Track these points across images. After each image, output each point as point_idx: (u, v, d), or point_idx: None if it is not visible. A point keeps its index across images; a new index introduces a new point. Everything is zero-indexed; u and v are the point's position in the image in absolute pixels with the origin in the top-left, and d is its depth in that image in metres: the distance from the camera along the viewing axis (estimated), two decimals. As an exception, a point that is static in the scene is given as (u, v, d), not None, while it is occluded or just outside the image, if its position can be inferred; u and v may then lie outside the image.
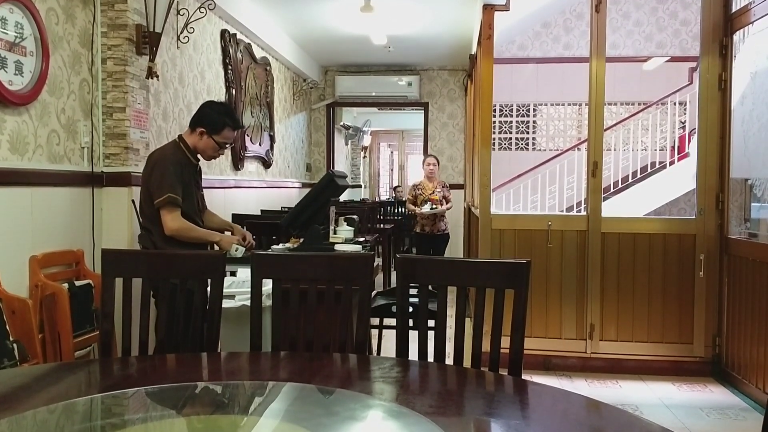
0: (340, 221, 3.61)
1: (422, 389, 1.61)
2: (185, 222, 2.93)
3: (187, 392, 1.49)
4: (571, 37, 8.40)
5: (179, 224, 2.91)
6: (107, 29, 3.46)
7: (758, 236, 4.08)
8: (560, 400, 1.56)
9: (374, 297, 3.55)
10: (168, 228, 2.90)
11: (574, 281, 4.09)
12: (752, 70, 4.06)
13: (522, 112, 9.00)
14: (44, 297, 2.91)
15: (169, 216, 2.89)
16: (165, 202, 2.88)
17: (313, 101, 8.61)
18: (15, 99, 2.81)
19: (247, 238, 3.23)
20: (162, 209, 2.90)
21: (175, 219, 2.90)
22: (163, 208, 2.89)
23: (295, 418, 1.34)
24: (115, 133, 3.48)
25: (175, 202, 2.90)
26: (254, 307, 1.91)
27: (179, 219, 2.91)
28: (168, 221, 2.90)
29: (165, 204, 2.88)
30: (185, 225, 2.93)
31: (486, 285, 1.84)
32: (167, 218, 2.89)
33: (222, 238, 3.06)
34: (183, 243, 2.94)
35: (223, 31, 5.16)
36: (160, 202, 2.89)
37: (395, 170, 16.59)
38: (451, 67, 8.41)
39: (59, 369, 1.87)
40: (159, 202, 2.89)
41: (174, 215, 2.90)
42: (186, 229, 2.93)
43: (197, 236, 2.97)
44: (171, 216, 2.89)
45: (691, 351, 4.02)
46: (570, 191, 8.18)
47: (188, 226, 2.95)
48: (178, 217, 2.91)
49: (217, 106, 3.23)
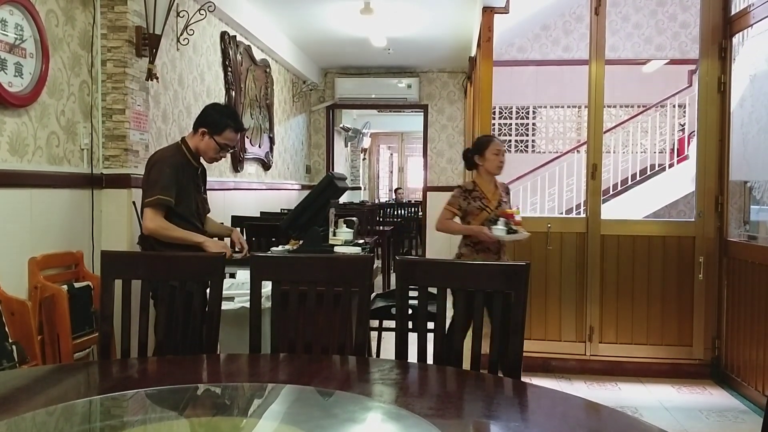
0: (340, 223, 3.61)
1: (421, 391, 1.61)
2: (163, 222, 2.88)
3: (186, 394, 1.49)
4: (571, 39, 8.40)
5: (156, 224, 2.86)
6: (107, 31, 3.46)
7: (757, 239, 4.08)
8: (559, 402, 1.56)
9: (373, 299, 3.55)
10: (145, 227, 2.88)
11: (574, 283, 4.09)
12: (751, 72, 4.07)
13: (521, 115, 9.01)
14: (43, 298, 2.90)
15: (150, 216, 2.86)
16: (152, 203, 2.86)
17: (312, 103, 8.61)
18: (15, 101, 2.81)
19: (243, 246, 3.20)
20: (146, 208, 2.88)
21: (154, 219, 2.86)
22: (147, 207, 2.88)
23: (294, 420, 1.34)
24: (115, 135, 3.48)
25: (162, 204, 2.87)
26: (253, 309, 1.91)
27: (158, 219, 2.86)
28: (146, 220, 2.87)
29: (152, 204, 2.87)
30: (162, 224, 2.88)
31: (485, 287, 1.84)
32: (146, 217, 2.87)
33: (205, 241, 2.95)
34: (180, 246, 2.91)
35: (222, 33, 5.16)
36: (147, 202, 2.88)
37: (395, 172, 16.61)
38: (450, 70, 8.42)
39: (58, 371, 1.86)
40: (146, 201, 2.88)
41: (154, 216, 2.86)
42: (163, 228, 2.87)
43: (177, 236, 2.89)
44: (151, 216, 2.86)
45: (691, 353, 4.02)
46: (569, 193, 8.18)
47: (165, 226, 2.88)
48: (157, 218, 2.86)
49: (221, 107, 3.23)
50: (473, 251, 3.49)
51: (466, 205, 3.50)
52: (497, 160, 3.52)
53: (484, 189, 3.54)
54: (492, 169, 3.54)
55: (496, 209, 3.50)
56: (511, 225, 3.41)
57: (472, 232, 3.46)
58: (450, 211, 3.53)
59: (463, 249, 3.55)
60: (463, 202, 3.50)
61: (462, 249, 3.56)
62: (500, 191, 3.61)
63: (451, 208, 3.53)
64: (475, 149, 3.61)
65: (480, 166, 3.57)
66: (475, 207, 3.49)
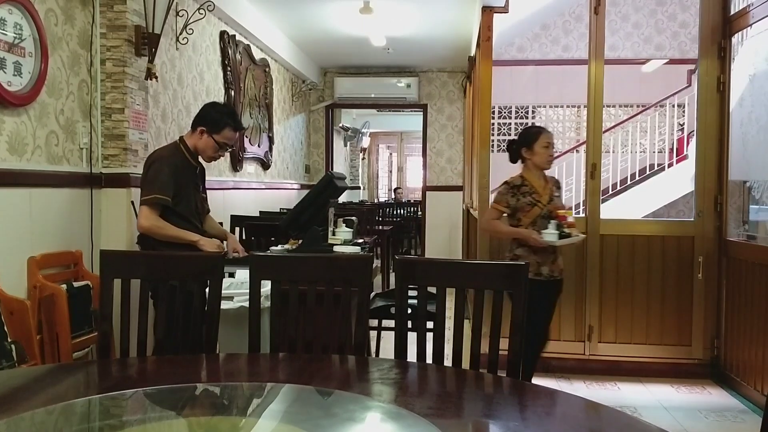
0: (339, 223, 3.61)
1: (421, 391, 1.61)
2: (158, 220, 2.88)
3: (185, 394, 1.49)
4: (570, 39, 8.40)
5: (150, 222, 2.87)
6: (106, 30, 3.46)
7: (757, 238, 4.08)
8: (559, 402, 1.56)
9: (373, 298, 3.55)
10: (140, 225, 2.88)
11: (573, 283, 4.08)
12: (751, 72, 4.07)
13: (521, 114, 9.01)
14: (43, 298, 2.90)
15: (145, 214, 2.87)
16: (149, 202, 2.86)
17: (312, 103, 8.61)
18: (14, 100, 2.81)
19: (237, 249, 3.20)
20: (142, 206, 2.88)
21: (149, 217, 2.86)
22: (143, 205, 2.88)
23: (293, 419, 1.34)
24: (114, 134, 3.48)
25: (158, 203, 2.87)
26: (253, 309, 1.91)
27: (152, 218, 2.87)
28: (141, 219, 2.87)
29: (148, 203, 2.87)
30: (157, 223, 2.88)
31: (485, 287, 1.84)
32: (142, 216, 2.87)
33: (200, 240, 2.94)
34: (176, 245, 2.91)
35: (222, 32, 5.16)
36: (144, 200, 2.88)
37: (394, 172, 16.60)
38: (450, 69, 8.42)
39: (57, 370, 1.86)
40: (143, 200, 2.88)
41: (149, 214, 2.86)
42: (158, 227, 2.88)
43: (171, 235, 2.90)
44: (146, 214, 2.86)
45: (690, 353, 4.02)
46: (568, 193, 8.16)
47: (160, 225, 2.88)
48: (152, 216, 2.87)
49: (219, 106, 3.23)
50: (529, 252, 3.17)
51: (515, 202, 3.21)
52: (547, 153, 3.22)
53: (533, 183, 3.23)
54: (541, 163, 3.24)
55: (548, 204, 3.21)
56: (564, 228, 3.11)
57: (520, 235, 3.18)
58: (497, 210, 3.25)
59: (518, 250, 3.23)
60: (511, 198, 3.21)
61: (517, 250, 3.24)
62: (551, 185, 3.29)
63: (499, 207, 3.24)
64: (522, 141, 3.29)
65: (528, 159, 3.26)
66: (526, 203, 3.19)
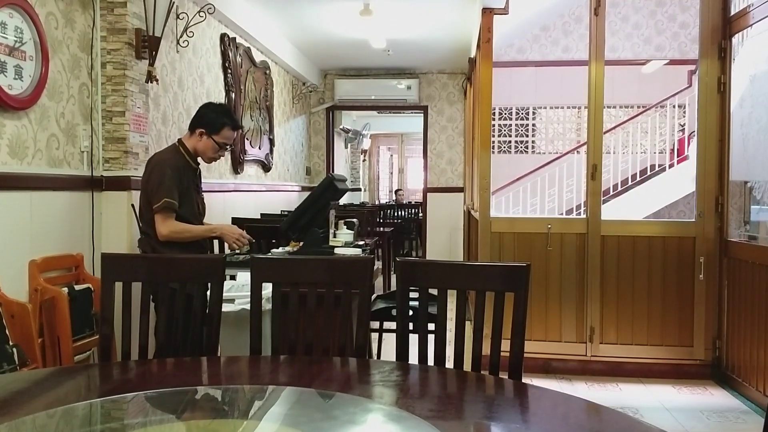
0: (340, 224, 3.61)
1: (422, 393, 1.61)
2: (177, 224, 2.91)
3: (186, 397, 1.49)
4: (570, 40, 8.40)
5: (170, 228, 2.89)
6: (107, 33, 3.46)
7: (758, 239, 4.08)
8: (560, 403, 1.56)
9: (374, 300, 3.54)
10: (160, 234, 2.90)
11: (574, 284, 4.08)
12: (751, 72, 4.07)
13: (521, 115, 9.01)
14: (44, 301, 2.90)
15: (162, 221, 2.89)
16: (161, 208, 2.88)
17: (312, 105, 8.61)
18: (14, 103, 2.81)
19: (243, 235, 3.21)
20: (157, 214, 2.89)
21: (167, 224, 2.89)
22: (158, 213, 2.89)
23: (294, 422, 1.34)
24: (115, 137, 3.48)
25: (171, 207, 2.89)
26: (254, 311, 1.91)
27: (171, 223, 2.89)
28: (160, 227, 2.89)
29: (161, 209, 2.88)
30: (177, 227, 2.91)
31: (486, 288, 1.84)
32: (159, 224, 2.89)
33: (222, 227, 3.02)
34: (184, 245, 2.94)
35: (222, 35, 5.16)
36: (156, 208, 2.89)
37: (395, 173, 16.61)
38: (450, 71, 8.42)
39: (59, 373, 1.86)
40: (155, 207, 2.89)
41: (166, 221, 2.88)
42: (178, 231, 2.91)
43: (194, 234, 2.95)
44: (163, 222, 2.89)
45: (691, 354, 4.01)
46: (569, 194, 8.17)
47: (180, 228, 2.92)
48: (171, 222, 2.89)
49: (216, 106, 3.23)
50: None
51: None
52: None
53: None
54: None
55: None
56: None
57: None
58: None
59: None
60: None
61: None
62: None
63: None
64: None
65: None
66: None
